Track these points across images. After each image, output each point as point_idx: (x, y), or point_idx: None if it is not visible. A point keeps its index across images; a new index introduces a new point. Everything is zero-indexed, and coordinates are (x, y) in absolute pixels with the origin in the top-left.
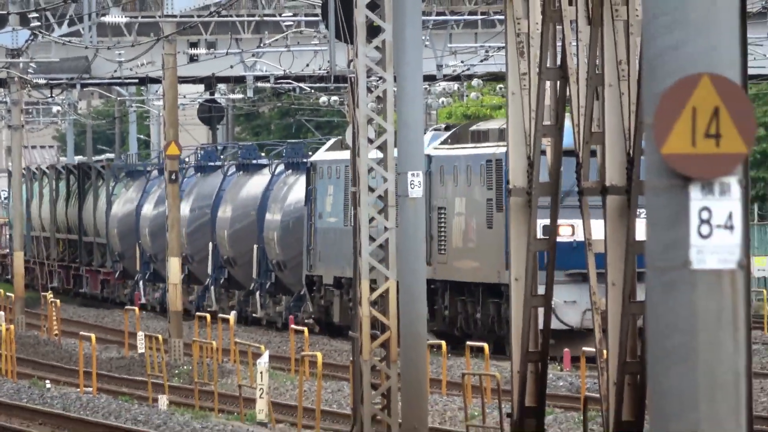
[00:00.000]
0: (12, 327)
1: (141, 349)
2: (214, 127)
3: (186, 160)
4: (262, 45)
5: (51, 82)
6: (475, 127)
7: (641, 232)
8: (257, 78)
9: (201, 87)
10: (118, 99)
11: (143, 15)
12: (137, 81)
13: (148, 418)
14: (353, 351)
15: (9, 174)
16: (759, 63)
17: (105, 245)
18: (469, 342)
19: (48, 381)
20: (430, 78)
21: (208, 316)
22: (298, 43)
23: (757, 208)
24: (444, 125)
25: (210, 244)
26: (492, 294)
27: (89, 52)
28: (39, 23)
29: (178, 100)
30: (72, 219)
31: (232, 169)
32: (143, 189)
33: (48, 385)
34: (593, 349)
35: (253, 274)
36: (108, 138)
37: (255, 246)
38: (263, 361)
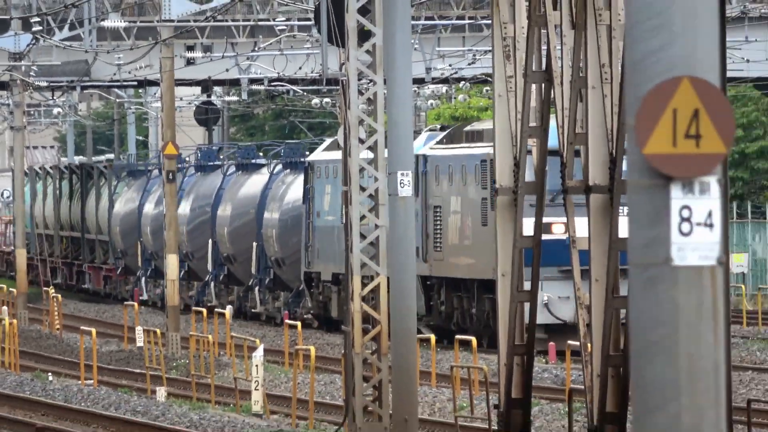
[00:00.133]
0: (15, 321)
1: (140, 343)
2: (210, 128)
3: (186, 159)
4: (256, 49)
5: (52, 84)
6: (470, 128)
7: (624, 229)
8: (252, 80)
9: (197, 89)
10: (117, 101)
11: (141, 20)
12: (136, 83)
13: (146, 409)
14: (345, 344)
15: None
16: (737, 66)
17: (107, 243)
18: (459, 336)
19: (50, 373)
20: (419, 81)
21: (204, 310)
22: (291, 47)
23: (736, 206)
24: (439, 126)
25: (210, 241)
26: (486, 290)
27: (89, 55)
28: (40, 28)
29: (175, 101)
30: (75, 217)
31: (231, 169)
32: (144, 188)
33: (50, 378)
34: (578, 343)
35: (252, 270)
36: (107, 139)
37: (254, 243)
38: (258, 355)
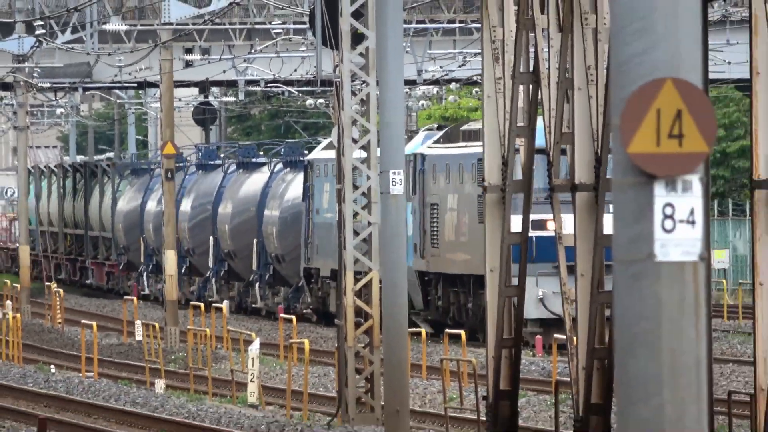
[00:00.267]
0: (18, 316)
1: (139, 337)
2: (207, 128)
3: (188, 158)
4: (253, 51)
5: (55, 86)
6: (466, 127)
7: (608, 226)
8: (248, 82)
9: (195, 90)
10: (117, 102)
11: (142, 23)
12: (136, 85)
13: (146, 400)
14: (338, 338)
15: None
16: (719, 68)
17: (110, 239)
18: (448, 330)
19: (52, 366)
20: (410, 82)
21: (202, 305)
22: (287, 50)
23: (717, 204)
24: (436, 125)
25: (211, 238)
26: (482, 285)
27: (91, 57)
28: (44, 31)
29: (174, 102)
30: (79, 215)
31: (232, 167)
32: (147, 186)
33: (52, 370)
34: (564, 336)
35: (253, 266)
36: (108, 138)
37: (255, 240)
38: (254, 348)
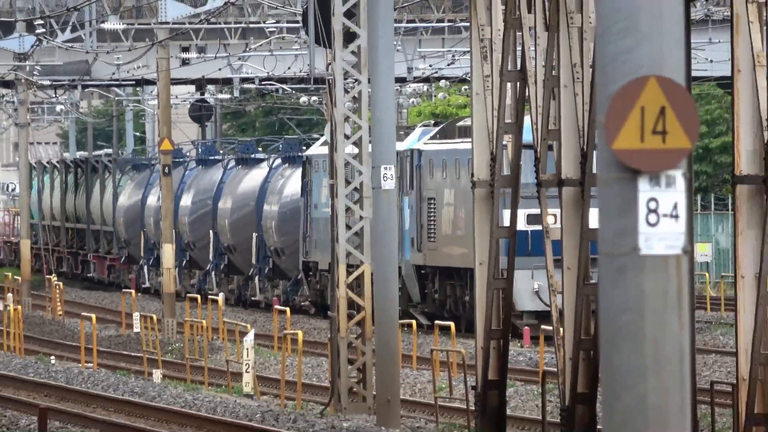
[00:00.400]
0: (19, 308)
1: (137, 328)
2: (203, 125)
3: (188, 154)
4: (247, 49)
5: (54, 83)
6: (462, 123)
7: (594, 220)
8: (243, 80)
9: (192, 88)
10: (116, 99)
11: (139, 22)
12: (134, 82)
13: (144, 390)
14: (331, 329)
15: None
16: (701, 66)
17: (111, 233)
18: (438, 321)
19: (52, 357)
20: (401, 80)
21: (198, 297)
22: (280, 48)
23: (700, 198)
24: (433, 122)
25: (211, 232)
26: None
27: (90, 56)
28: (44, 30)
29: (170, 99)
30: (80, 209)
31: (231, 163)
32: (148, 181)
33: (52, 361)
34: (551, 328)
35: (252, 260)
36: (107, 135)
37: (254, 234)
38: (249, 339)
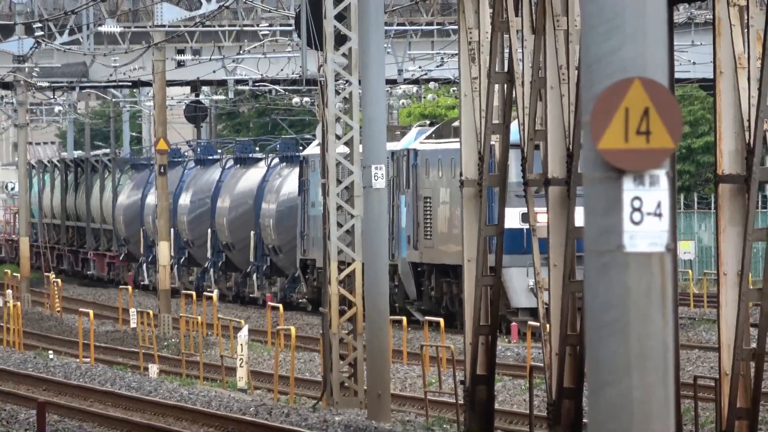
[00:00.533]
0: (19, 304)
1: (133, 324)
2: (198, 125)
3: (186, 153)
4: (241, 52)
5: (53, 85)
6: (457, 123)
7: (580, 219)
8: (237, 81)
9: (187, 89)
10: (113, 100)
11: (136, 25)
12: (130, 84)
13: (140, 385)
14: (323, 325)
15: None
16: (684, 68)
17: (111, 231)
18: (428, 317)
19: (51, 352)
20: (391, 81)
21: (194, 293)
22: (273, 51)
23: (683, 197)
24: (429, 122)
25: (209, 230)
26: None
27: (87, 58)
28: (42, 33)
29: (166, 101)
30: (80, 208)
31: (230, 163)
32: (147, 180)
33: (51, 356)
34: (538, 324)
35: (250, 258)
36: (104, 135)
37: (252, 232)
38: (243, 334)
